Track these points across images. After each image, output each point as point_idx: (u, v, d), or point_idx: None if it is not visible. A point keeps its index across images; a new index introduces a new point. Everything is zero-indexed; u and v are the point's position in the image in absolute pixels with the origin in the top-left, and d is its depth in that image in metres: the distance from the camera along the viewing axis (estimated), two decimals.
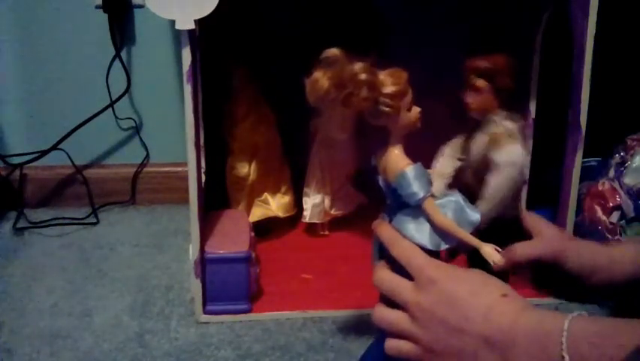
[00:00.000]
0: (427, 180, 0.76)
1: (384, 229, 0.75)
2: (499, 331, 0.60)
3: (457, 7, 1.23)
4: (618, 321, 0.56)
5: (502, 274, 0.84)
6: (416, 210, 0.76)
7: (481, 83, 0.77)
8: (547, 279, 0.78)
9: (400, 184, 0.76)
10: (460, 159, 0.84)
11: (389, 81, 0.74)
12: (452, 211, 0.76)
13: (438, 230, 0.75)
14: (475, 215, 0.77)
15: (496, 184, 0.76)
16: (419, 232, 0.76)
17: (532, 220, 0.82)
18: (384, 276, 0.71)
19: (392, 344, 0.68)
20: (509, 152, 0.76)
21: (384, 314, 0.69)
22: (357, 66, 0.73)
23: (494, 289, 0.64)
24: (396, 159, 0.77)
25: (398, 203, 0.78)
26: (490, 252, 0.74)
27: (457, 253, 0.85)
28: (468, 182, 0.80)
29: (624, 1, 1.20)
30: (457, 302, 0.63)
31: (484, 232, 0.78)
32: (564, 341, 0.56)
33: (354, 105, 0.74)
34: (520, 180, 0.76)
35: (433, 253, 0.75)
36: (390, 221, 0.80)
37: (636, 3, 1.22)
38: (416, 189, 0.75)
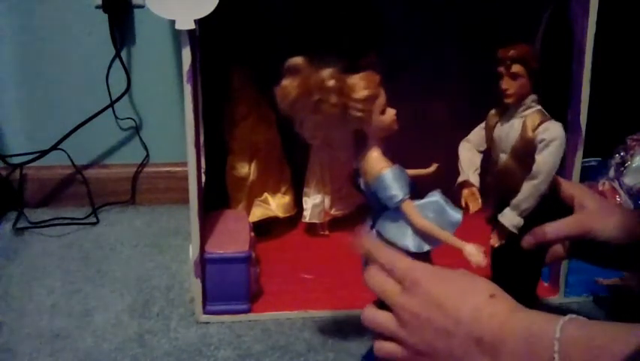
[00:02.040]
0: (406, 182, 0.75)
1: (364, 242, 0.74)
2: (489, 332, 0.60)
3: (456, 7, 1.23)
4: (610, 325, 0.56)
5: (538, 259, 0.85)
6: (397, 212, 0.75)
7: (517, 68, 0.79)
8: (584, 249, 0.81)
9: (378, 187, 0.75)
10: (481, 151, 0.85)
11: (360, 85, 0.74)
12: (433, 212, 0.75)
13: (420, 232, 0.74)
14: (456, 215, 0.75)
15: (545, 160, 0.78)
16: (401, 234, 0.75)
17: (574, 191, 0.81)
18: (375, 275, 0.70)
19: (379, 346, 0.68)
20: (551, 128, 0.78)
21: (371, 315, 0.69)
22: (325, 73, 0.73)
23: (482, 290, 0.64)
24: (374, 162, 0.76)
25: (379, 206, 0.77)
26: (473, 252, 0.73)
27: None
28: (508, 167, 0.81)
29: (624, 1, 1.19)
30: (445, 304, 0.63)
31: (536, 210, 0.79)
32: (556, 343, 0.55)
33: (323, 112, 0.73)
34: (562, 154, 0.79)
35: (420, 256, 0.75)
36: (374, 225, 0.80)
37: (636, 3, 1.22)
38: (394, 191, 0.74)
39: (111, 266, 1.16)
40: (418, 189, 0.77)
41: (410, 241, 0.75)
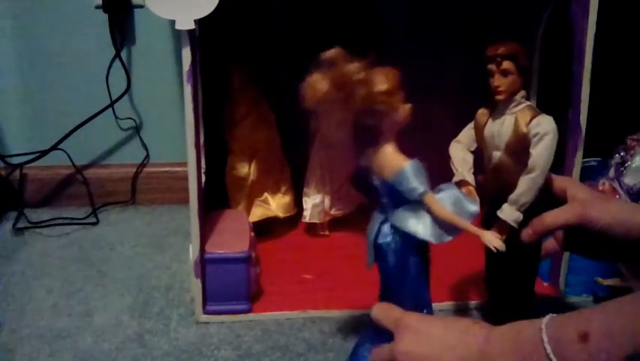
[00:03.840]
0: (425, 175, 0.77)
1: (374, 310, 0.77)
2: (476, 347, 0.63)
3: (456, 6, 1.23)
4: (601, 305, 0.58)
5: (535, 255, 0.86)
6: (415, 205, 0.77)
7: (507, 64, 0.80)
8: (578, 242, 0.82)
9: (400, 181, 0.77)
10: (471, 151, 0.87)
11: (382, 79, 0.76)
12: (451, 205, 0.78)
13: (440, 223, 0.77)
14: (473, 206, 0.79)
15: (540, 153, 0.79)
16: (421, 226, 0.77)
17: (565, 184, 0.83)
18: (374, 350, 0.73)
19: None
20: (543, 122, 0.79)
21: None
22: (354, 66, 0.75)
23: (466, 321, 0.68)
24: (392, 157, 0.78)
25: (396, 200, 0.78)
26: (491, 238, 0.76)
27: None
28: (503, 164, 0.82)
29: (624, 1, 1.19)
30: (433, 335, 0.66)
31: (531, 206, 0.80)
32: (544, 329, 0.57)
33: (352, 105, 0.75)
34: (556, 146, 0.80)
35: (427, 252, 0.77)
36: (386, 220, 0.81)
37: (636, 3, 1.22)
38: (416, 184, 0.76)
39: (111, 266, 1.16)
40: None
41: (429, 233, 0.77)
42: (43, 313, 1.03)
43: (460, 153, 0.87)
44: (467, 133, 0.87)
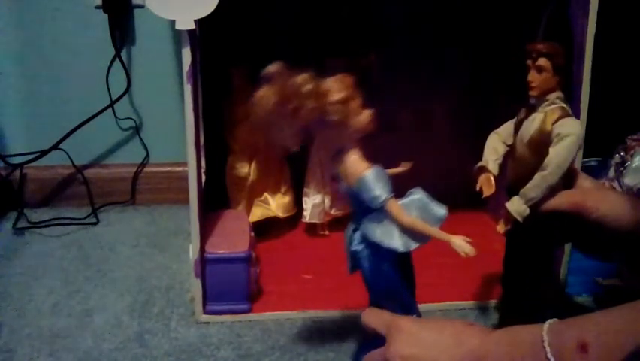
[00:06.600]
0: (387, 182, 0.76)
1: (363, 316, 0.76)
2: (470, 351, 0.62)
3: (456, 7, 1.23)
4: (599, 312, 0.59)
5: (545, 250, 0.86)
6: (381, 213, 0.76)
7: (543, 62, 0.81)
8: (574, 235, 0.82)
9: (361, 188, 0.75)
10: (508, 145, 0.87)
11: (334, 88, 0.74)
12: (417, 210, 0.76)
13: (406, 230, 0.75)
14: (440, 210, 0.77)
15: (558, 153, 0.79)
16: (387, 235, 0.75)
17: (574, 174, 0.83)
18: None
19: None
20: (568, 124, 0.80)
21: None
22: (300, 78, 0.73)
23: (460, 323, 0.67)
24: (354, 164, 0.76)
25: (363, 207, 0.77)
26: (461, 244, 0.74)
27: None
28: (524, 158, 0.83)
29: (624, 1, 1.19)
30: (426, 339, 0.65)
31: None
32: (545, 337, 0.57)
33: (302, 117, 0.74)
34: (578, 149, 0.81)
35: (407, 255, 0.76)
36: (356, 229, 0.80)
37: (636, 3, 1.22)
38: (378, 191, 0.75)
39: (111, 266, 1.16)
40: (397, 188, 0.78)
41: (397, 241, 0.75)
42: (43, 313, 1.03)
43: (493, 143, 0.87)
44: (507, 126, 0.88)
